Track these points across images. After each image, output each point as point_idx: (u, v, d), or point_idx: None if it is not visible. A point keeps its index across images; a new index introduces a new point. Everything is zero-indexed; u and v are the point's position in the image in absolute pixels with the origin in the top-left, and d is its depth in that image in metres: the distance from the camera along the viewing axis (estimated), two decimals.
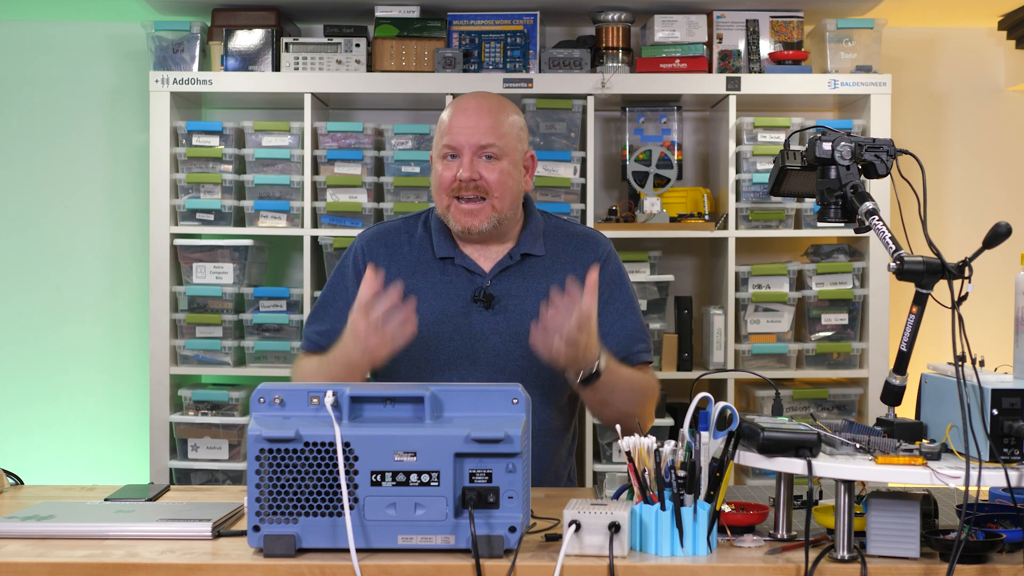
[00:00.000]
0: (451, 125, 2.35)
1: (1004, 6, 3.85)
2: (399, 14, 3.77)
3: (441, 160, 2.36)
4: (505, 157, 2.35)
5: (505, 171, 2.34)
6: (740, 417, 1.83)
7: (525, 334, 2.34)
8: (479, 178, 2.32)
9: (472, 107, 2.37)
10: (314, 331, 2.43)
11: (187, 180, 3.73)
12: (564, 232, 2.47)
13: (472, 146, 2.32)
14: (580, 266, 2.40)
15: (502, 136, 2.34)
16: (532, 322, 2.21)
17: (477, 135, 2.33)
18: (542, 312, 2.17)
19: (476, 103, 2.38)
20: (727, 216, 3.72)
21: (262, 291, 3.75)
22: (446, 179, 2.34)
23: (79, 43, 4.10)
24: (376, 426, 1.77)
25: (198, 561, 1.75)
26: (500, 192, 2.33)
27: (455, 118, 2.36)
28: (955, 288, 1.84)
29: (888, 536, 1.75)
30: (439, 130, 2.39)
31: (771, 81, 3.71)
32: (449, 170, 2.34)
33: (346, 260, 2.46)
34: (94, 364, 4.09)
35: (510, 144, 2.36)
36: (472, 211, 2.33)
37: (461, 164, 2.32)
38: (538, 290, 2.38)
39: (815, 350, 3.76)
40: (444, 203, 2.36)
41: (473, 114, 2.35)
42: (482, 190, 2.33)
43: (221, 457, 3.71)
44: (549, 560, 1.72)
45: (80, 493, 2.25)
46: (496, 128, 2.34)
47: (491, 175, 2.33)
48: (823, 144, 2.02)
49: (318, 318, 2.44)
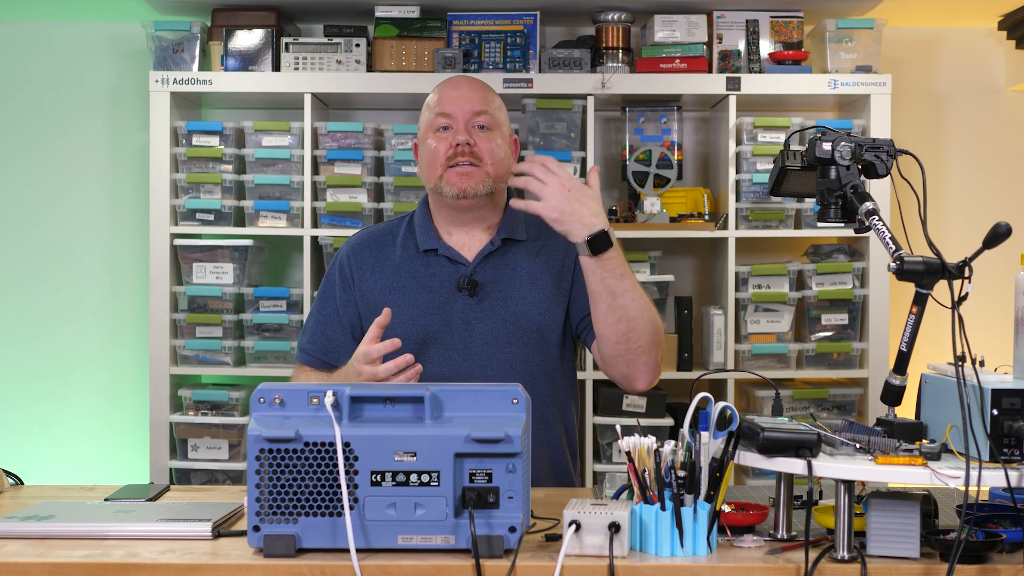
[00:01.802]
0: (442, 97, 2.42)
1: (1004, 6, 3.85)
2: (399, 14, 3.77)
3: (434, 134, 2.41)
4: (496, 129, 2.42)
5: (497, 143, 2.41)
6: (740, 417, 1.83)
7: (512, 318, 2.38)
8: (474, 144, 2.37)
9: (462, 82, 2.46)
10: (307, 341, 2.48)
11: (187, 180, 3.73)
12: None
13: (466, 113, 2.39)
14: (563, 247, 2.43)
15: (492, 108, 2.42)
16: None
17: (471, 103, 2.40)
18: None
19: (464, 79, 2.48)
20: (727, 216, 3.72)
21: (262, 291, 3.76)
22: (441, 150, 2.38)
23: (79, 43, 4.10)
24: (376, 426, 1.77)
25: (198, 561, 1.75)
26: (493, 160, 2.38)
27: (445, 92, 2.43)
28: (955, 288, 1.84)
29: (888, 536, 1.75)
30: (428, 108, 2.44)
31: (771, 81, 3.71)
32: (443, 141, 2.39)
33: (333, 268, 2.50)
34: (94, 364, 4.09)
35: (500, 118, 2.44)
36: (467, 173, 2.37)
37: (456, 133, 2.38)
38: (522, 275, 2.41)
39: (815, 350, 3.76)
40: (438, 173, 2.38)
41: (464, 87, 2.43)
42: (476, 156, 2.37)
43: (221, 457, 3.71)
44: (549, 560, 1.72)
45: (80, 493, 2.25)
46: (487, 99, 2.42)
47: (484, 144, 2.39)
48: (823, 144, 2.01)
49: (310, 326, 2.49)
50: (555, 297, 2.42)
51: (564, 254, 2.44)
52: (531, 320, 2.39)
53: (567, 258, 2.44)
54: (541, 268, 2.42)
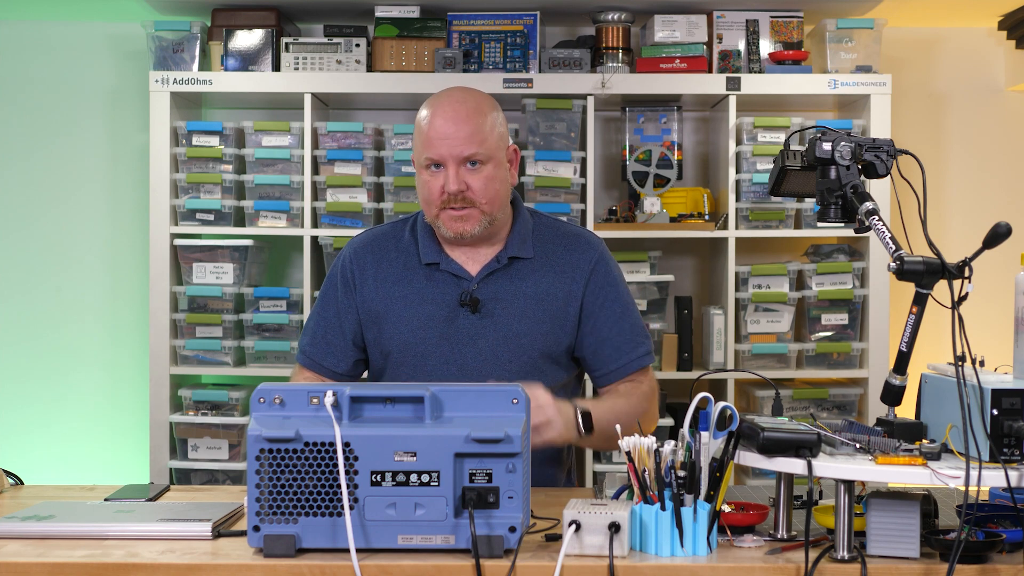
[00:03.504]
0: (430, 136, 2.30)
1: (1004, 6, 3.85)
2: (399, 14, 3.77)
3: (425, 170, 2.33)
4: (490, 161, 2.31)
5: (490, 175, 2.31)
6: (740, 417, 1.83)
7: (513, 337, 2.34)
8: (466, 189, 2.29)
9: (450, 114, 2.30)
10: (307, 343, 2.45)
11: (187, 180, 3.73)
12: (555, 232, 2.44)
13: (456, 158, 2.29)
14: (570, 268, 2.39)
15: (484, 141, 2.30)
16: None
17: (459, 146, 2.28)
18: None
19: (454, 110, 2.31)
20: (727, 216, 3.72)
21: (262, 291, 3.76)
22: (434, 191, 2.31)
23: (79, 43, 4.10)
24: (376, 426, 1.77)
25: (198, 561, 1.75)
26: (488, 198, 2.31)
27: (434, 127, 2.30)
28: (955, 288, 1.84)
29: (888, 536, 1.75)
30: (419, 137, 2.34)
31: (771, 81, 3.71)
32: (436, 180, 2.31)
33: (335, 270, 2.46)
34: (94, 364, 4.09)
35: (493, 146, 2.32)
36: (462, 217, 2.31)
37: (447, 175, 2.29)
38: (526, 293, 2.37)
39: (815, 350, 3.76)
40: (433, 212, 2.34)
41: (452, 122, 2.29)
42: (469, 200, 2.30)
43: (221, 457, 3.71)
44: (549, 560, 1.72)
45: (80, 493, 2.25)
46: (477, 134, 2.29)
47: (477, 183, 2.30)
48: (823, 144, 2.01)
49: (310, 328, 2.46)
50: (560, 319, 2.38)
51: (572, 278, 2.39)
52: (533, 339, 2.35)
53: (575, 283, 2.39)
54: (548, 288, 2.38)
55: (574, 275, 2.39)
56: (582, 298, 2.39)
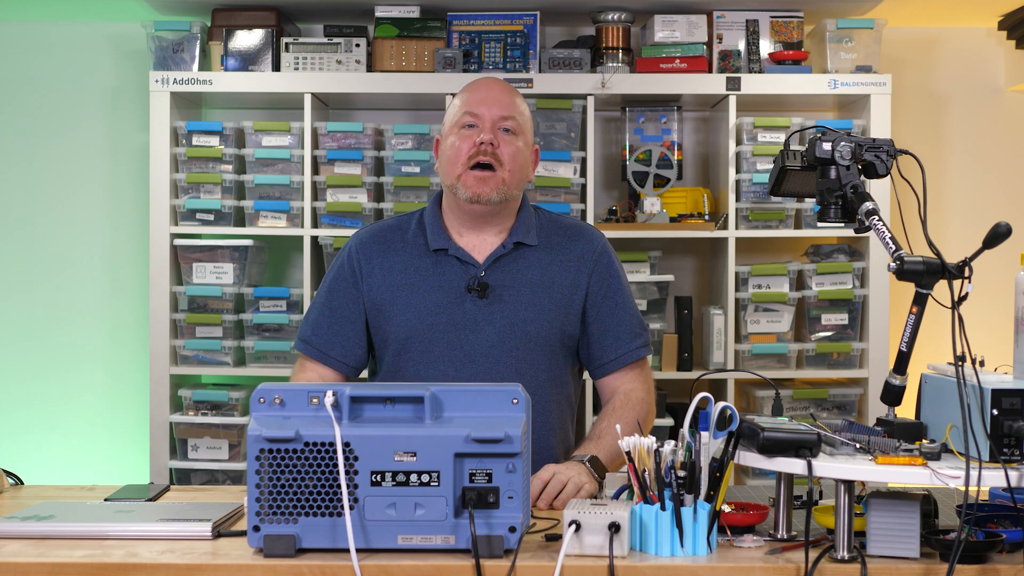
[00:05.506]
0: (472, 97, 2.43)
1: (1004, 6, 3.85)
2: (399, 14, 3.77)
3: (459, 130, 2.41)
4: (521, 135, 2.42)
5: (519, 149, 2.41)
6: (740, 417, 1.83)
7: (520, 323, 2.37)
8: (497, 145, 2.37)
9: (494, 84, 2.46)
10: (310, 331, 2.45)
11: (187, 180, 3.73)
12: (557, 225, 2.50)
13: (495, 117, 2.40)
14: (575, 258, 2.44)
15: (520, 115, 2.43)
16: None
17: (500, 107, 2.40)
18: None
19: (496, 82, 2.48)
20: (727, 216, 3.72)
21: (262, 291, 3.76)
22: (463, 149, 2.38)
23: (79, 43, 4.10)
24: (376, 426, 1.77)
25: (198, 561, 1.75)
26: (512, 166, 2.39)
27: (476, 92, 2.44)
28: (955, 288, 1.84)
29: (888, 536, 1.75)
30: (456, 106, 2.44)
31: (771, 81, 3.71)
32: (467, 140, 2.39)
33: (341, 260, 2.48)
34: (94, 364, 4.09)
35: (524, 125, 2.45)
36: (484, 178, 2.36)
37: (481, 131, 2.38)
38: (532, 281, 2.40)
39: (815, 350, 3.76)
40: (456, 172, 2.38)
41: (496, 89, 2.44)
42: (497, 158, 2.37)
43: (221, 457, 3.71)
44: (549, 560, 1.72)
45: (80, 493, 2.25)
46: (514, 106, 2.43)
47: (507, 148, 2.39)
48: (823, 144, 2.02)
49: (313, 318, 2.46)
50: (565, 307, 2.41)
51: (577, 268, 2.43)
52: (538, 326, 2.38)
53: (579, 272, 2.43)
54: (553, 277, 2.42)
55: (579, 265, 2.44)
56: (587, 288, 2.43)
